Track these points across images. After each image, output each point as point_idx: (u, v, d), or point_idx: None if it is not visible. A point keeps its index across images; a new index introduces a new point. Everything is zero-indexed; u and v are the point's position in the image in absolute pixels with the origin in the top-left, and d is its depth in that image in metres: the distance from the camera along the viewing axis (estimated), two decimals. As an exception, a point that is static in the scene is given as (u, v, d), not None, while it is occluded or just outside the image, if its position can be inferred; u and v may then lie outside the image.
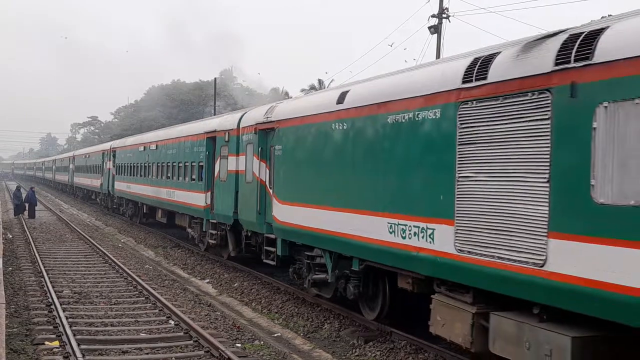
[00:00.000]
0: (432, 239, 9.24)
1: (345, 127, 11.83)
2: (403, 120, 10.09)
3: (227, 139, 18.25)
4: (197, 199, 20.72)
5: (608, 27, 6.88)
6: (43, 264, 18.28)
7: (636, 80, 6.30)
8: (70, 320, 11.83)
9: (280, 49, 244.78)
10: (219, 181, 18.80)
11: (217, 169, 19.08)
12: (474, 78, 8.50)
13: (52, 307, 12.93)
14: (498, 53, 8.43)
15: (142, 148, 29.69)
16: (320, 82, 75.25)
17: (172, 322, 12.22)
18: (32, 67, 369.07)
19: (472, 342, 8.57)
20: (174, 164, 24.15)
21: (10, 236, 24.94)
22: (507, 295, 7.97)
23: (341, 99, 12.07)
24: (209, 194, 19.73)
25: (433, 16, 27.09)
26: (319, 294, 13.75)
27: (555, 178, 7.21)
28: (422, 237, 9.48)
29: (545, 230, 7.27)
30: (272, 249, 14.73)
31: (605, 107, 6.57)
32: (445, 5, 27.19)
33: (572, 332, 7.12)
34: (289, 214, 13.90)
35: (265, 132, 15.31)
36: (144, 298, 14.52)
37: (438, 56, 26.95)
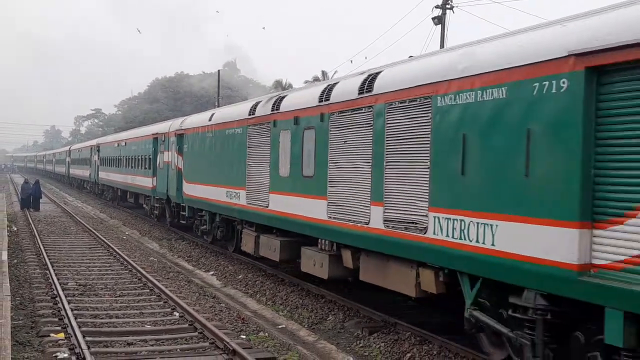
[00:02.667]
0: (239, 200, 16.90)
1: (212, 135, 19.49)
2: (237, 131, 17.39)
3: (163, 140, 25.77)
4: (147, 182, 28.31)
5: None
6: (48, 256, 18.31)
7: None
8: (75, 312, 11.85)
9: (283, 40, 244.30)
10: (159, 169, 26.34)
11: (158, 160, 26.50)
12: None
13: (57, 299, 12.94)
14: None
15: (116, 144, 37.39)
16: (323, 73, 75.11)
17: (177, 314, 12.24)
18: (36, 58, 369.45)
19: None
20: (135, 157, 31.41)
21: (15, 229, 25.00)
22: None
23: (210, 117, 20.04)
24: (155, 178, 27.01)
25: (437, 7, 26.99)
26: (205, 238, 21.84)
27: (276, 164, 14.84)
28: (233, 198, 17.34)
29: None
30: (184, 214, 22.99)
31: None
32: (448, -5, 27.10)
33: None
34: (191, 189, 21.63)
35: (181, 136, 23.07)
36: (148, 290, 14.54)
37: (442, 47, 26.85)
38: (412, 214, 9.88)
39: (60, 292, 13.38)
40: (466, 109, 8.79)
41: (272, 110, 15.19)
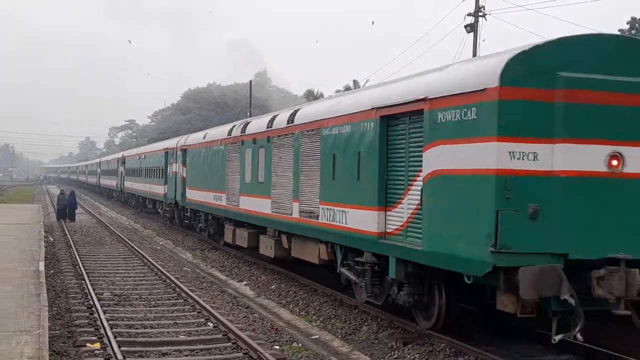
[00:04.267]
0: (224, 202, 21.02)
1: (204, 150, 24.29)
2: (221, 146, 21.95)
3: (172, 154, 30.55)
4: (160, 189, 32.83)
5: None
6: (84, 266, 18.53)
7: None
8: (110, 322, 11.95)
9: (314, 49, 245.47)
10: (169, 178, 30.81)
11: (168, 171, 31.11)
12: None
13: (93, 309, 13.07)
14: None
15: (137, 157, 42.30)
16: (355, 82, 75.16)
17: (211, 324, 12.28)
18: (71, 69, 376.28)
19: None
20: (152, 168, 36.19)
21: (52, 239, 25.36)
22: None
23: (204, 136, 25.18)
24: (166, 186, 31.46)
25: (469, 14, 26.84)
26: (203, 234, 25.89)
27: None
28: (219, 201, 21.60)
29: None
30: (187, 214, 27.89)
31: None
32: (481, 3, 26.89)
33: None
34: (192, 195, 26.32)
35: (184, 151, 27.94)
36: (182, 300, 14.62)
37: (475, 55, 26.66)
38: (312, 207, 14.28)
39: (96, 302, 13.52)
40: (335, 137, 13.21)
41: (240, 133, 19.81)
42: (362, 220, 11.84)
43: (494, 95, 8.90)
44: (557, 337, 9.04)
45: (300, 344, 11.47)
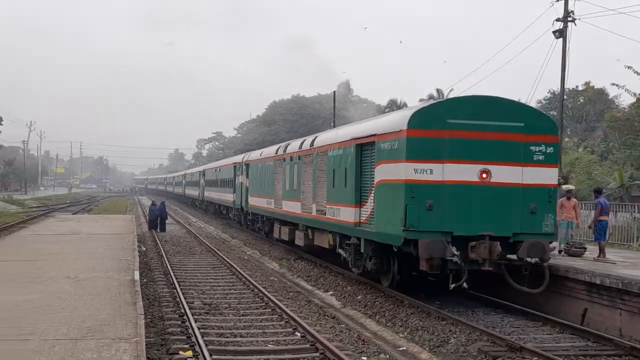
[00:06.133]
0: (272, 206, 26.64)
1: (260, 165, 30.04)
2: (272, 162, 27.29)
3: (239, 167, 36.17)
4: (230, 197, 38.96)
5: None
6: (175, 275, 19.07)
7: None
8: (202, 330, 12.24)
9: (397, 58, 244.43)
10: (237, 188, 36.39)
11: (236, 182, 36.77)
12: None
13: (185, 317, 13.43)
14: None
15: (214, 170, 48.73)
16: (438, 91, 74.31)
17: (299, 334, 12.39)
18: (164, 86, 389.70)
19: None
20: (224, 179, 42.12)
21: (144, 249, 26.23)
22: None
23: (261, 154, 30.94)
24: (234, 194, 37.19)
25: (557, 20, 26.11)
26: (261, 233, 31.62)
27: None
28: (270, 205, 27.21)
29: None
30: (250, 217, 34.18)
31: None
32: (570, 8, 26.13)
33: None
34: (252, 201, 31.81)
35: (247, 165, 33.57)
36: (270, 310, 14.82)
37: (564, 62, 25.95)
38: (323, 206, 19.66)
39: (188, 311, 13.88)
40: (334, 157, 18.70)
41: (283, 152, 25.50)
42: (347, 214, 17.39)
43: (404, 134, 14.36)
44: (452, 286, 14.37)
45: (387, 356, 11.43)
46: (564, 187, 20.03)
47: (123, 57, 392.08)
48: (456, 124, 14.27)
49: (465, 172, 14.26)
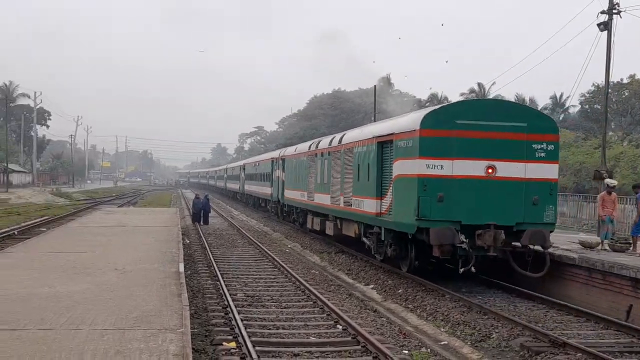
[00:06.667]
0: (305, 198, 28.69)
1: (295, 160, 31.65)
2: (305, 158, 29.24)
3: (276, 162, 37.93)
4: (268, 190, 41.14)
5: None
6: (218, 267, 19.37)
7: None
8: (245, 322, 12.44)
9: (436, 50, 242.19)
10: (274, 182, 38.34)
11: (273, 176, 38.56)
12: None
13: (228, 309, 13.64)
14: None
15: (253, 164, 50.71)
16: (480, 85, 73.40)
17: (340, 327, 12.50)
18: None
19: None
20: (262, 173, 44.17)
21: (188, 241, 26.65)
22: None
23: (295, 149, 33.02)
24: (272, 188, 39.22)
25: (602, 12, 25.59)
26: (295, 224, 33.47)
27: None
28: (303, 197, 29.17)
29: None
30: (285, 209, 36.11)
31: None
32: (615, 0, 25.56)
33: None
34: (287, 194, 33.69)
35: (283, 160, 35.32)
36: (312, 302, 14.96)
37: (608, 54, 25.44)
38: (349, 198, 21.28)
39: (231, 303, 14.10)
40: (359, 154, 20.38)
41: (315, 148, 27.36)
42: (370, 205, 18.94)
43: (418, 133, 15.89)
44: (461, 270, 15.85)
45: (429, 350, 11.45)
46: (608, 181, 19.74)
47: (159, 57, 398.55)
48: (464, 124, 15.80)
49: (473, 168, 15.82)
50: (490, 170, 15.85)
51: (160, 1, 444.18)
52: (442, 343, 12.08)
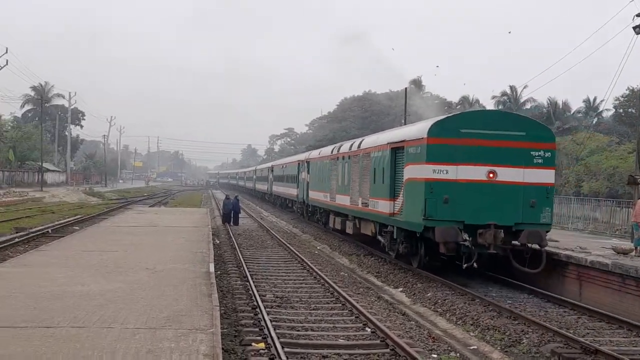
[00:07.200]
0: (328, 199, 30.14)
1: (319, 163, 33.43)
2: (328, 161, 30.80)
3: (301, 164, 39.36)
4: (294, 192, 42.74)
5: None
6: (247, 268, 19.47)
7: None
8: (274, 323, 12.50)
9: (466, 56, 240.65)
10: (300, 184, 39.87)
11: (299, 177, 40.21)
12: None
13: (257, 310, 13.73)
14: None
15: (281, 167, 52.62)
16: (512, 88, 72.71)
17: (369, 330, 12.50)
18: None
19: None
20: (289, 175, 46.02)
21: (218, 242, 26.83)
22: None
23: (319, 153, 34.89)
24: (297, 189, 40.93)
25: (638, 15, 25.18)
26: (319, 223, 35.00)
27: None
28: (326, 198, 30.72)
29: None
30: (310, 210, 37.44)
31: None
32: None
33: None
34: (311, 195, 35.20)
35: (308, 162, 36.74)
36: (340, 305, 14.97)
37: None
38: (366, 200, 22.81)
39: (260, 304, 14.18)
40: (375, 158, 21.93)
41: (337, 152, 29.12)
42: (384, 206, 20.50)
43: (425, 141, 17.52)
44: (465, 265, 17.45)
45: (458, 354, 11.39)
46: None
47: (190, 59, 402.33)
48: (467, 132, 17.38)
49: (475, 172, 17.34)
50: (491, 175, 17.37)
51: (192, 1, 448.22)
52: (472, 347, 12.00)
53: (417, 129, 18.82)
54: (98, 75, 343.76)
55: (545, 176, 17.73)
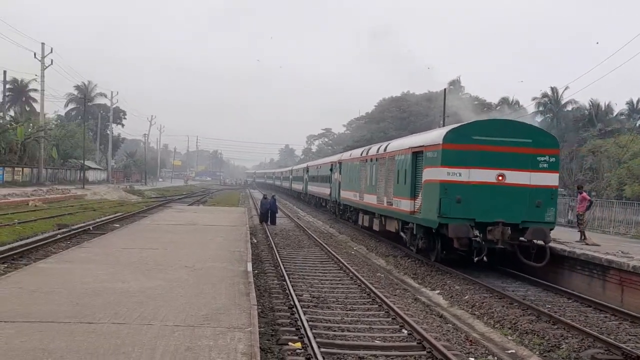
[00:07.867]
0: (357, 198, 32.54)
1: (350, 164, 35.83)
2: (358, 162, 33.12)
3: (334, 165, 41.52)
4: (327, 191, 45.50)
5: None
6: (284, 268, 19.56)
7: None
8: (310, 323, 12.52)
9: (510, 54, 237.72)
10: (333, 183, 42.08)
11: (332, 177, 42.46)
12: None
13: (294, 309, 13.77)
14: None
15: (315, 167, 55.22)
16: (553, 90, 71.64)
17: (405, 332, 12.46)
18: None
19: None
20: (323, 175, 48.46)
21: (255, 241, 26.99)
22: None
23: (350, 155, 37.61)
24: (330, 189, 43.33)
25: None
26: (347, 221, 38.07)
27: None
28: (355, 197, 33.11)
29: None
30: (341, 208, 39.59)
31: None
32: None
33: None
34: (343, 194, 37.45)
35: (340, 164, 39.00)
36: (377, 306, 14.95)
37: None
38: (391, 199, 24.65)
39: (297, 303, 14.22)
40: (399, 161, 23.87)
41: (366, 154, 31.02)
42: (406, 205, 22.39)
43: (440, 147, 19.44)
44: (476, 259, 19.40)
45: (495, 358, 11.30)
46: None
47: (228, 59, 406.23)
48: (479, 139, 19.29)
49: (486, 175, 19.23)
50: (500, 178, 19.26)
51: (223, 2, 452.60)
52: (510, 352, 11.89)
53: (434, 136, 20.94)
54: (138, 76, 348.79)
55: (550, 179, 19.55)
